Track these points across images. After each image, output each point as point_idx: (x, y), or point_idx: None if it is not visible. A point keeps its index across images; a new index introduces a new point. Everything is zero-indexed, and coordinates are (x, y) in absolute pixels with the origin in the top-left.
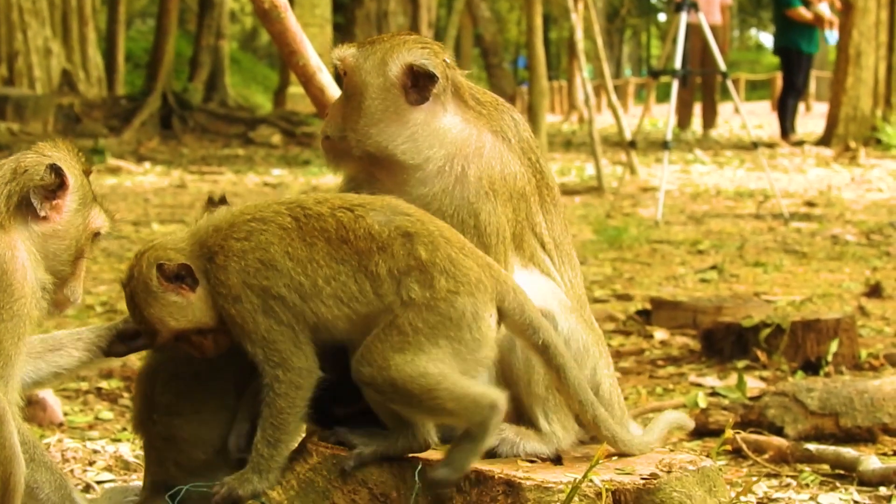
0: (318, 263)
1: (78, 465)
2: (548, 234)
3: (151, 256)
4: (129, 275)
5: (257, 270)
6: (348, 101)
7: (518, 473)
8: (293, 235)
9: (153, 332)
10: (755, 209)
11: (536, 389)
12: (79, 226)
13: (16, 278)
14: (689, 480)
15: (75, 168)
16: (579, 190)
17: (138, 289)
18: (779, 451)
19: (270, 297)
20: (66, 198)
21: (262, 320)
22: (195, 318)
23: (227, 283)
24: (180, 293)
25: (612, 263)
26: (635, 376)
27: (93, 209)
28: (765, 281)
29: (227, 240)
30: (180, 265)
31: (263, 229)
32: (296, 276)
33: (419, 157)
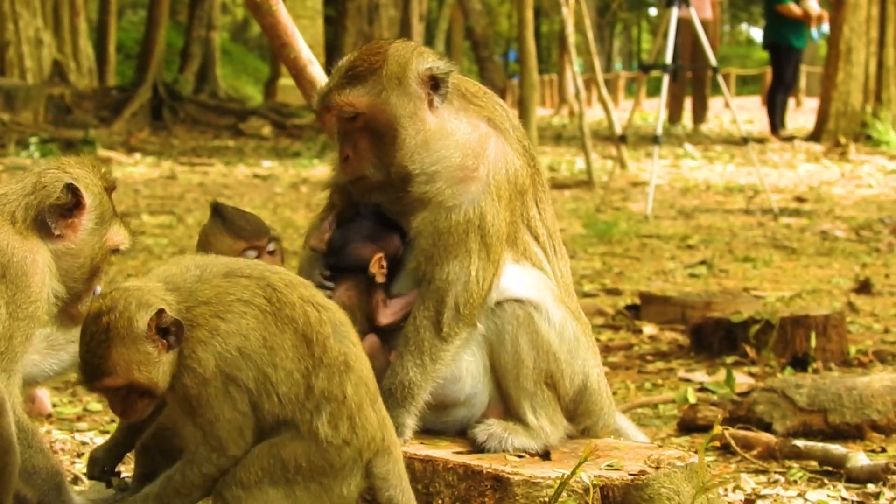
0: (286, 353)
1: (66, 457)
2: (541, 225)
3: (144, 298)
4: (110, 304)
5: (234, 359)
6: (375, 138)
7: (506, 468)
8: (269, 320)
9: (106, 373)
10: (745, 204)
11: (525, 384)
12: (94, 244)
13: (34, 281)
14: (678, 476)
15: (95, 186)
16: (569, 184)
17: (119, 324)
18: (767, 447)
19: (235, 386)
20: (83, 217)
21: (217, 405)
22: (155, 377)
23: (202, 362)
24: (158, 347)
25: (602, 258)
26: (624, 371)
27: (111, 226)
28: (754, 276)
29: (214, 318)
30: (176, 321)
31: (244, 311)
32: (264, 367)
33: (432, 159)
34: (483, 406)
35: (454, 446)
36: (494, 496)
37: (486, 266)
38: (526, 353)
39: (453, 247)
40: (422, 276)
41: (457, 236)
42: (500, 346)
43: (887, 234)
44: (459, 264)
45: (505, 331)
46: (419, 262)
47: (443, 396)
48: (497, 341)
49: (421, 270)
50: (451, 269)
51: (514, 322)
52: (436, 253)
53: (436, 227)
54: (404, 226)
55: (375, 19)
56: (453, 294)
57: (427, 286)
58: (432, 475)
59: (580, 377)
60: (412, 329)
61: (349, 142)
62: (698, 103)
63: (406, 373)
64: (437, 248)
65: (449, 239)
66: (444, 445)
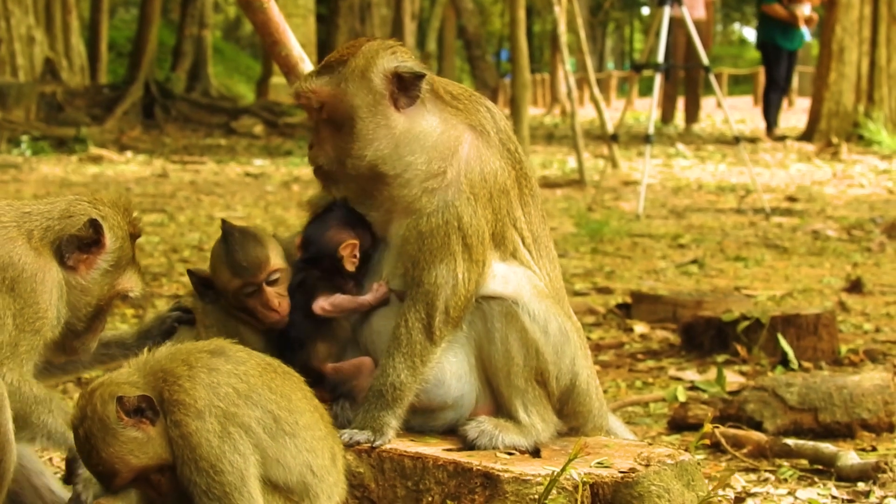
0: (300, 408)
1: (57, 454)
2: (527, 228)
3: (106, 392)
4: (80, 415)
5: (229, 395)
6: (336, 129)
7: (496, 466)
8: (272, 374)
9: (112, 475)
10: (736, 204)
11: (516, 381)
12: (104, 285)
13: (42, 298)
14: (668, 474)
15: (121, 229)
16: (561, 183)
17: (94, 428)
18: (757, 445)
19: (235, 427)
20: (100, 256)
21: (216, 443)
22: (156, 453)
23: (190, 392)
24: (140, 427)
25: (593, 257)
26: (615, 370)
27: (126, 272)
28: (745, 275)
29: (192, 355)
30: (140, 397)
31: (242, 358)
32: (274, 410)
33: (402, 163)
34: (471, 406)
35: (444, 443)
36: (484, 493)
37: (471, 267)
38: (516, 351)
39: (437, 250)
40: (410, 281)
41: (438, 239)
42: (489, 344)
43: (879, 234)
44: (446, 267)
45: (494, 329)
46: (406, 267)
47: (428, 401)
48: (486, 340)
49: (409, 275)
50: (439, 272)
51: (502, 320)
52: (421, 258)
53: (419, 232)
54: (388, 232)
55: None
56: (443, 297)
57: (416, 290)
58: (422, 472)
59: (568, 376)
60: (403, 332)
61: (315, 131)
62: (691, 103)
63: (397, 375)
64: (423, 252)
65: (432, 243)
66: (434, 443)
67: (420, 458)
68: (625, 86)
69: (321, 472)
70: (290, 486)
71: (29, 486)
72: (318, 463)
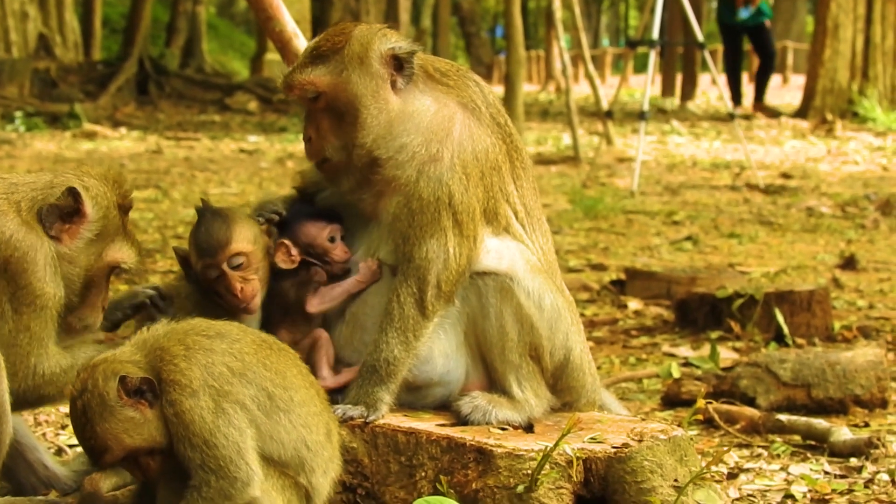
0: (295, 384)
1: (50, 429)
2: (519, 202)
3: (109, 369)
4: (81, 387)
5: (223, 375)
6: (336, 118)
7: (490, 441)
8: (267, 351)
9: (103, 451)
10: (731, 180)
11: (510, 357)
12: (91, 255)
13: (35, 278)
14: (660, 449)
15: (105, 199)
16: (555, 160)
17: (92, 402)
18: (750, 421)
19: (230, 403)
20: (82, 226)
21: (210, 419)
22: (150, 435)
23: (185, 372)
24: (138, 409)
25: (587, 233)
26: (609, 346)
27: (114, 243)
28: (739, 252)
29: (189, 335)
30: (143, 379)
31: (237, 338)
32: (269, 387)
33: (396, 144)
34: (460, 383)
35: (438, 419)
36: (477, 468)
37: (462, 242)
38: (511, 326)
39: (427, 226)
40: (400, 258)
41: (429, 216)
42: (484, 320)
43: (872, 211)
44: (436, 242)
45: (488, 304)
46: (397, 244)
47: (413, 377)
48: (481, 315)
49: (399, 252)
50: (430, 247)
51: (496, 295)
52: (412, 234)
53: (409, 210)
54: (379, 210)
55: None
56: (434, 272)
57: (407, 265)
58: (415, 447)
59: (561, 352)
60: (396, 307)
61: (312, 123)
62: (687, 80)
63: (391, 350)
64: (413, 228)
65: (422, 219)
66: (427, 418)
67: (413, 433)
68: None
69: (316, 447)
70: (285, 461)
71: (23, 462)
72: (312, 438)
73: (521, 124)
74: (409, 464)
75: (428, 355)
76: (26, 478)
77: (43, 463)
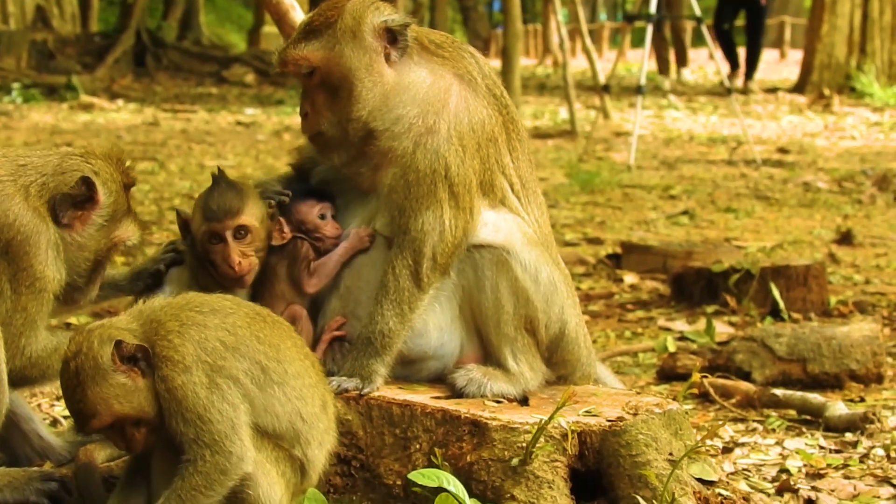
0: (289, 356)
1: (45, 400)
2: (515, 174)
3: (105, 334)
4: (75, 349)
5: (217, 350)
6: (331, 93)
7: (484, 413)
8: (261, 325)
9: (91, 415)
10: (728, 155)
11: (505, 329)
12: (101, 239)
13: (37, 261)
14: (655, 423)
15: (114, 182)
16: (552, 133)
17: (86, 365)
18: (746, 395)
19: (223, 378)
20: (94, 212)
21: (204, 395)
22: (139, 404)
23: (179, 349)
24: (130, 376)
25: (584, 207)
26: (604, 320)
27: (122, 223)
28: (736, 227)
29: (187, 312)
30: (138, 346)
31: (230, 311)
32: (263, 360)
33: (392, 116)
34: (454, 356)
35: (433, 391)
36: (472, 441)
37: (458, 214)
38: (506, 299)
39: (423, 198)
40: (396, 230)
41: (425, 188)
42: (479, 293)
43: (869, 186)
44: (432, 214)
45: (484, 277)
46: (393, 216)
47: (408, 350)
48: (476, 288)
49: (395, 224)
50: (425, 219)
51: (492, 268)
52: (408, 206)
53: (406, 182)
54: (375, 182)
55: None
56: (430, 244)
57: (403, 237)
58: (410, 420)
59: (557, 325)
60: (391, 279)
61: (307, 98)
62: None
63: (386, 322)
64: (409, 200)
65: (418, 191)
66: (422, 390)
67: (408, 405)
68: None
69: (311, 418)
70: (280, 434)
71: (18, 432)
72: (307, 410)
73: (518, 98)
74: (403, 436)
75: (423, 328)
76: (21, 448)
77: (38, 433)
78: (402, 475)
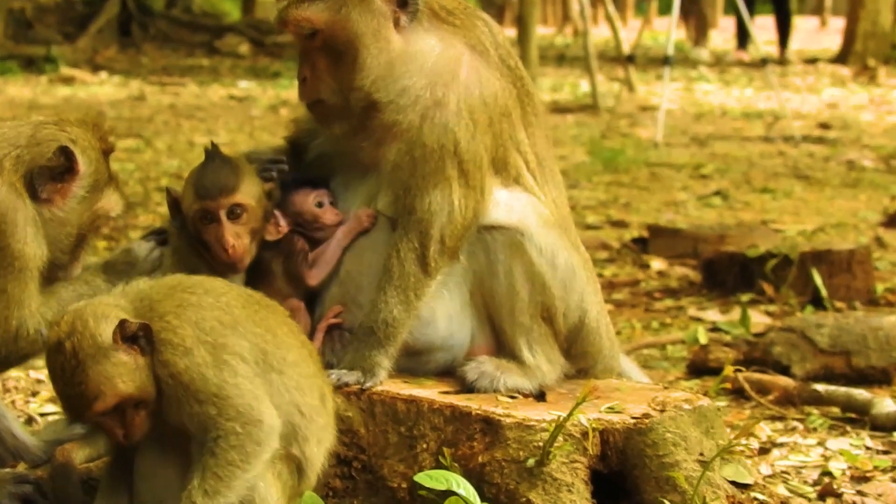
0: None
1: (20, 396)
2: (531, 150)
3: (98, 311)
4: (68, 330)
5: (216, 328)
6: (334, 58)
7: (497, 410)
8: (255, 307)
9: (94, 397)
10: (764, 131)
11: (520, 318)
12: (83, 212)
13: (15, 238)
14: (685, 420)
15: (93, 150)
16: (572, 108)
17: (84, 344)
18: (784, 391)
19: (229, 354)
20: (74, 184)
21: (215, 374)
22: (143, 384)
23: (177, 330)
24: (132, 354)
25: (607, 187)
26: (629, 309)
27: (104, 193)
28: (773, 208)
29: (182, 293)
30: (141, 325)
31: (224, 291)
32: (262, 344)
33: (397, 87)
34: (464, 347)
35: (441, 386)
36: (484, 440)
37: (468, 193)
38: (521, 285)
39: (430, 175)
40: (401, 210)
41: (432, 164)
42: (491, 278)
43: None
44: (440, 193)
45: (497, 261)
46: (397, 195)
47: (414, 341)
48: (488, 273)
49: (400, 204)
50: (433, 198)
51: (505, 251)
52: (414, 184)
53: (412, 158)
54: (378, 159)
55: None
56: (438, 225)
57: (408, 218)
58: (416, 417)
59: (576, 313)
60: (395, 264)
61: (307, 62)
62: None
63: (390, 310)
64: (415, 178)
65: (425, 168)
66: (429, 385)
67: (414, 401)
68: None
69: (310, 412)
70: None
71: None
72: (306, 402)
73: (534, 70)
74: (409, 435)
75: (430, 316)
76: None
77: (11, 432)
78: (408, 477)
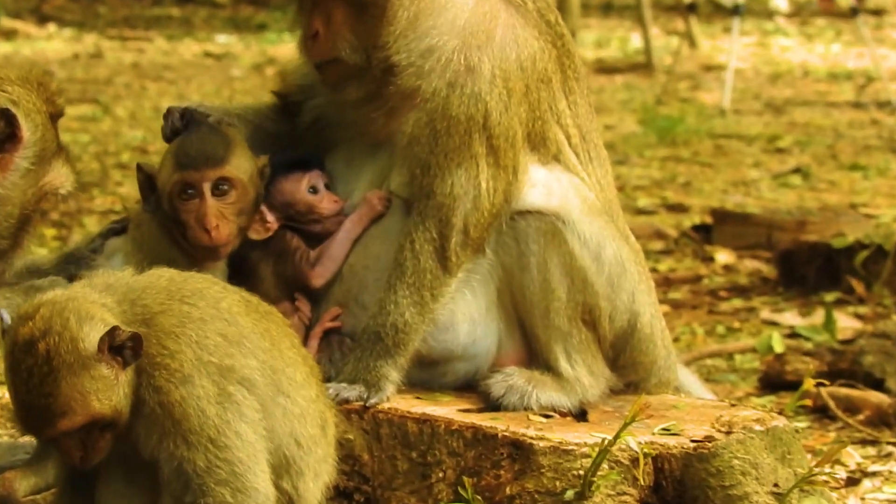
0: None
1: None
2: (573, 122)
3: (82, 310)
4: (44, 328)
5: (220, 345)
6: (355, 12)
7: (529, 432)
8: (256, 315)
9: (60, 413)
10: (854, 95)
11: (556, 321)
12: (27, 188)
13: None
14: (755, 444)
15: (39, 114)
16: (621, 67)
17: (62, 349)
18: (877, 410)
19: (232, 382)
20: (17, 153)
21: (216, 413)
22: (118, 404)
23: (176, 356)
24: (113, 367)
25: (662, 164)
26: (690, 311)
27: (52, 165)
28: (864, 189)
29: (178, 303)
30: (133, 335)
31: (221, 296)
32: (270, 360)
33: (428, 48)
34: (489, 355)
35: (460, 402)
36: (513, 468)
37: (498, 174)
38: (558, 281)
39: (454, 152)
40: (417, 192)
41: (457, 138)
42: (522, 273)
43: None
44: (465, 174)
45: (529, 252)
46: (413, 174)
47: (429, 349)
48: (519, 267)
49: (416, 185)
50: (456, 180)
51: (541, 241)
52: (434, 161)
53: (433, 130)
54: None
55: None
56: (461, 212)
57: (426, 202)
58: (431, 440)
59: (625, 316)
60: (409, 257)
61: (320, 13)
62: None
63: (401, 312)
64: (436, 154)
65: (448, 142)
66: (446, 401)
67: (428, 420)
68: None
69: (308, 443)
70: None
71: None
72: (306, 432)
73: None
74: (422, 461)
75: (448, 320)
76: None
77: None
78: None
